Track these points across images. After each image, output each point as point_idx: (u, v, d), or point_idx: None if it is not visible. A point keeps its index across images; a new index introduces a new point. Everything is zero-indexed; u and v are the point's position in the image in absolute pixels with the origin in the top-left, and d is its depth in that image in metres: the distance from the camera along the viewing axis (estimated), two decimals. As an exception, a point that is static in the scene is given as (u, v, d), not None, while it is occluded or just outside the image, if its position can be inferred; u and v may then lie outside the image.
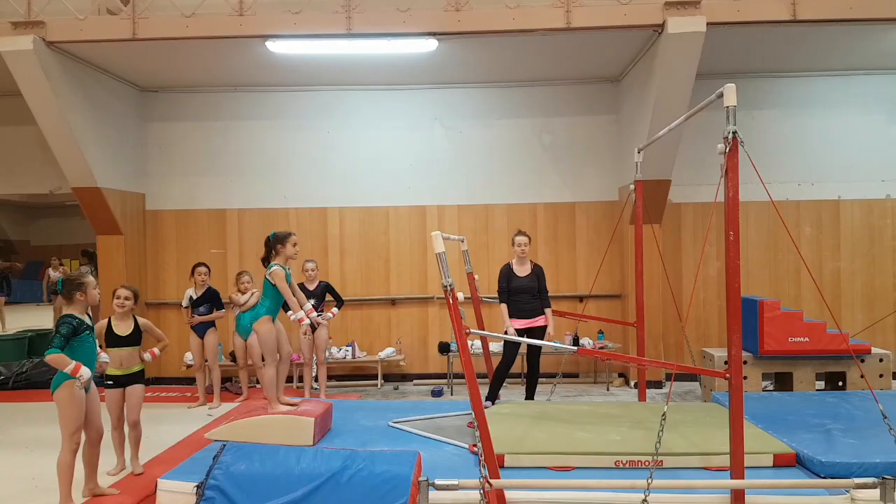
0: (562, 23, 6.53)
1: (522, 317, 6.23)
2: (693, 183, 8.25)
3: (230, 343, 8.42)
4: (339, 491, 3.80)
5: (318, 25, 6.77)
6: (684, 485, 4.07)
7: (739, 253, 3.92)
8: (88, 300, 4.52)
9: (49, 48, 6.88)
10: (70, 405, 4.36)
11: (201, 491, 3.87)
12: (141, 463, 5.15)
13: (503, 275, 6.32)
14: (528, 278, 6.24)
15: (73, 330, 4.35)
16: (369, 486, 3.80)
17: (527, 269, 6.30)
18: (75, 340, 4.39)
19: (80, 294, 4.48)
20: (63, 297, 4.61)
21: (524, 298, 6.24)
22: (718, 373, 4.36)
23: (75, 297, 4.48)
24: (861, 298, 8.50)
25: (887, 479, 3.63)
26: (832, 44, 7.39)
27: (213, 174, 8.86)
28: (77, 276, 4.63)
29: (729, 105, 3.89)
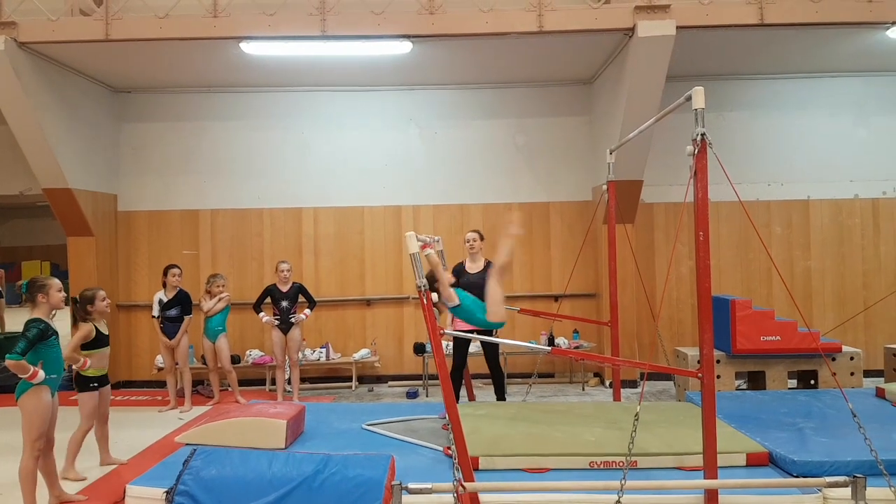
0: (534, 26, 6.57)
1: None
2: (665, 183, 8.33)
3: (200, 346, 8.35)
4: (312, 496, 3.76)
5: (292, 27, 6.74)
6: (658, 485, 4.09)
7: (709, 253, 3.96)
8: (51, 303, 4.45)
9: (21, 49, 6.78)
10: (35, 412, 4.30)
11: (171, 496, 3.80)
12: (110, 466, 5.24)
13: (454, 271, 6.22)
14: (479, 275, 6.09)
15: (40, 334, 4.29)
16: (342, 490, 3.76)
17: (479, 266, 6.20)
18: (42, 345, 4.33)
19: (42, 296, 4.42)
20: (27, 300, 4.55)
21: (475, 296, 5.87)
22: (691, 372, 4.40)
23: (37, 300, 4.42)
24: (831, 297, 8.65)
25: (858, 477, 3.67)
26: (800, 46, 7.52)
27: (186, 175, 8.77)
28: (40, 279, 4.58)
29: (697, 108, 3.92)
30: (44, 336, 4.31)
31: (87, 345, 5.08)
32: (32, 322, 4.35)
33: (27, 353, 4.23)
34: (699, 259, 3.95)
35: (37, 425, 4.30)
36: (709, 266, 3.94)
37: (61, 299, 4.50)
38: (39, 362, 4.32)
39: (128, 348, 8.58)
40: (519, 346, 6.80)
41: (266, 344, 8.37)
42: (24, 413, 4.31)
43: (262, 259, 8.69)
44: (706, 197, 3.92)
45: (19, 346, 4.20)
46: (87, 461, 5.22)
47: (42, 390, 4.32)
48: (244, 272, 8.61)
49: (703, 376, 3.95)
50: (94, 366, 5.08)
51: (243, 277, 8.53)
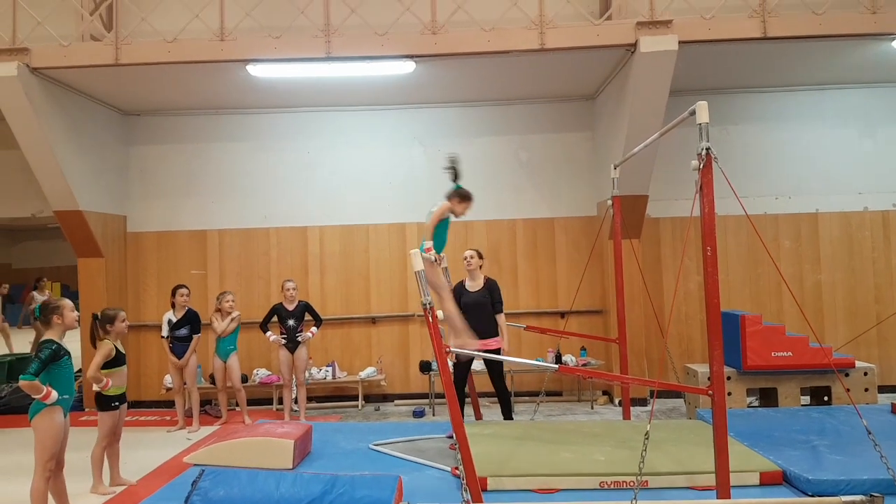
0: (536, 44, 6.60)
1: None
2: (670, 197, 8.31)
3: (209, 365, 8.36)
4: (319, 517, 3.74)
5: (297, 49, 6.81)
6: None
7: (717, 268, 3.93)
8: (66, 323, 4.50)
9: (33, 74, 6.89)
10: (47, 433, 4.36)
11: (178, 519, 3.79)
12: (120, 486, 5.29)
13: (455, 290, 6.10)
14: (479, 293, 6.06)
15: (53, 354, 4.34)
16: (349, 511, 3.74)
17: (478, 284, 6.13)
18: (55, 366, 4.37)
19: (57, 317, 4.48)
20: (41, 322, 4.60)
21: (474, 315, 5.84)
22: (701, 390, 4.33)
23: (52, 321, 4.48)
24: (843, 311, 8.55)
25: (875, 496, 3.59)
26: (804, 59, 7.50)
27: (194, 195, 8.83)
28: (53, 300, 4.62)
29: (701, 122, 3.92)
30: (56, 357, 4.36)
31: (107, 364, 5.12)
32: (45, 343, 4.40)
33: (40, 373, 4.28)
34: (707, 274, 3.93)
35: (49, 446, 4.34)
36: (717, 281, 3.92)
37: (75, 319, 4.55)
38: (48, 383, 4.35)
39: (136, 368, 8.59)
40: (526, 364, 6.77)
41: (273, 363, 8.37)
42: (37, 434, 4.36)
43: (269, 278, 8.71)
44: (713, 212, 3.90)
45: (32, 367, 4.26)
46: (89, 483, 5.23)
47: (55, 411, 4.37)
48: (251, 291, 8.63)
49: (714, 394, 3.90)
50: (115, 384, 5.14)
51: (250, 296, 8.55)
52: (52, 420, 4.35)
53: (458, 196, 5.19)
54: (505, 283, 8.58)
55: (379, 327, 8.74)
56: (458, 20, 6.72)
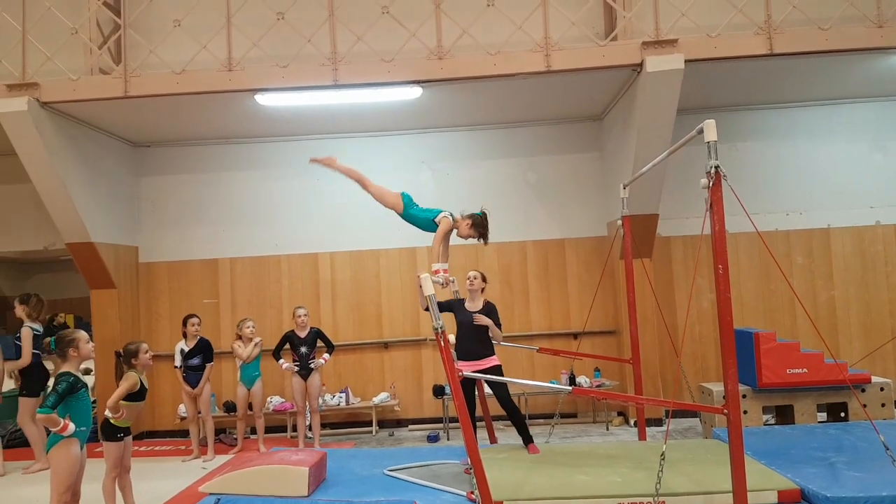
0: (542, 66, 6.64)
1: (468, 358, 5.78)
2: (681, 216, 8.29)
3: (223, 394, 8.36)
4: (334, 545, 3.71)
5: (305, 78, 6.87)
6: (686, 526, 3.98)
7: (730, 286, 3.91)
8: (82, 355, 4.52)
9: (43, 108, 6.97)
10: (64, 465, 4.36)
11: (193, 550, 3.77)
12: None
13: (453, 303, 6.07)
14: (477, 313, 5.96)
15: (70, 387, 4.36)
16: (364, 538, 3.72)
17: (478, 306, 6.03)
18: (72, 398, 4.39)
19: (73, 350, 4.50)
20: (57, 355, 4.62)
21: (470, 335, 5.86)
22: (716, 409, 4.30)
23: (69, 354, 4.51)
24: (858, 327, 8.46)
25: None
26: (812, 74, 7.50)
27: (204, 225, 8.90)
28: (68, 333, 4.64)
29: (710, 140, 3.93)
30: (73, 389, 4.37)
31: (130, 396, 5.10)
32: (62, 376, 4.41)
33: (57, 406, 4.30)
34: (720, 292, 3.91)
35: (64, 478, 4.34)
36: (730, 299, 3.90)
37: (91, 350, 4.56)
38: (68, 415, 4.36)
39: (150, 398, 8.52)
40: (540, 386, 6.73)
41: (286, 390, 8.35)
42: (53, 466, 4.38)
43: (281, 306, 8.73)
44: (723, 230, 3.90)
45: (49, 400, 4.28)
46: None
47: (72, 443, 4.37)
48: (263, 319, 8.63)
49: (730, 413, 3.87)
50: (127, 418, 5.09)
51: (262, 324, 8.54)
52: (69, 452, 4.35)
53: (470, 219, 5.17)
54: (517, 305, 8.60)
55: (391, 352, 8.72)
56: (464, 44, 6.78)
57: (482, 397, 6.45)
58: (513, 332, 8.15)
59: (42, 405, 4.27)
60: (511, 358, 7.88)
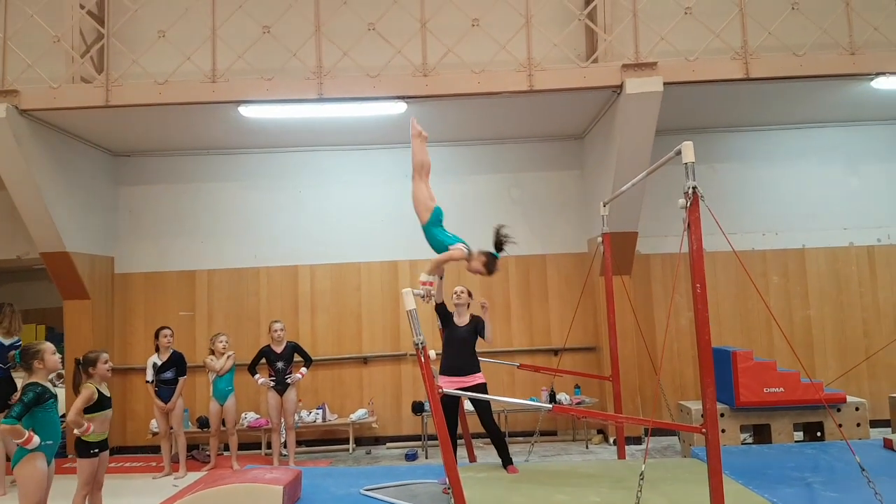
0: (525, 86, 6.72)
1: (453, 374, 5.71)
2: (660, 234, 8.38)
3: (196, 409, 8.22)
4: (309, 565, 3.65)
5: (290, 91, 6.87)
6: (664, 546, 3.97)
7: (707, 305, 3.94)
8: (47, 367, 4.42)
9: (22, 116, 6.89)
10: (30, 480, 4.23)
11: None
12: None
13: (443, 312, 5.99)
14: (465, 328, 5.95)
15: (36, 398, 4.25)
16: (340, 558, 3.66)
17: (465, 320, 6.00)
18: (39, 409, 4.28)
19: (38, 362, 4.40)
20: (23, 368, 4.50)
21: (458, 350, 5.79)
22: (695, 428, 4.30)
23: (34, 366, 4.40)
24: (833, 346, 8.58)
25: (869, 533, 3.58)
26: (787, 98, 7.68)
27: (183, 236, 8.80)
28: (33, 345, 4.54)
29: (687, 162, 3.97)
30: (40, 400, 4.27)
31: (90, 408, 4.98)
32: (29, 385, 4.31)
33: (23, 416, 4.18)
34: (697, 311, 3.93)
35: (32, 494, 4.22)
36: (707, 318, 3.92)
37: (57, 361, 4.45)
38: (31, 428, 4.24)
39: (122, 413, 8.42)
40: (520, 403, 6.71)
41: (261, 406, 8.24)
42: (19, 482, 4.25)
43: (259, 319, 8.63)
44: (701, 249, 3.93)
45: (15, 410, 4.17)
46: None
47: (37, 458, 4.25)
48: (241, 332, 8.53)
49: (708, 432, 3.88)
50: (96, 430, 4.96)
51: (240, 338, 8.43)
52: (35, 467, 4.23)
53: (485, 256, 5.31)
54: (498, 321, 8.58)
55: (371, 367, 8.66)
56: (449, 63, 6.84)
57: (462, 415, 6.41)
58: (494, 347, 8.12)
59: (7, 416, 4.17)
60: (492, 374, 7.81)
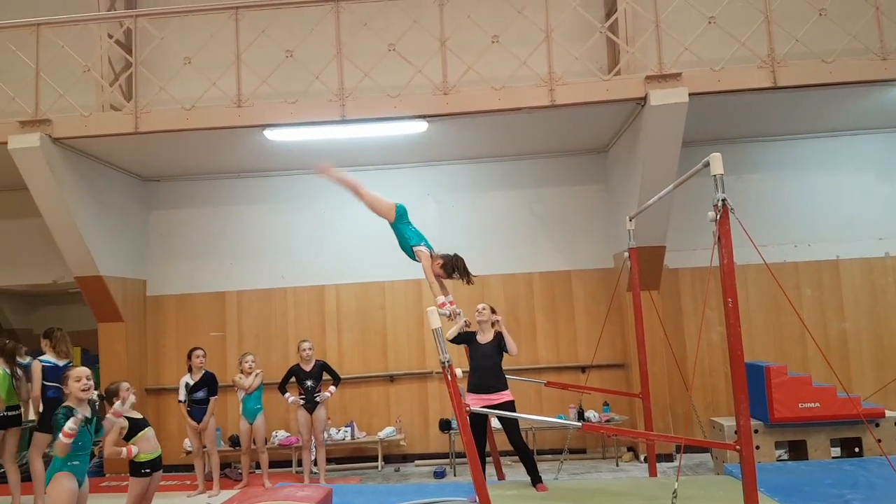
0: (546, 101, 6.69)
1: (480, 392, 5.79)
2: (688, 248, 8.24)
3: (228, 428, 8.29)
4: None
5: (313, 113, 6.96)
6: (699, 566, 3.88)
7: (739, 320, 3.87)
8: (71, 392, 4.49)
9: (55, 144, 7.09)
10: (59, 499, 4.34)
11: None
12: None
13: (465, 336, 6.02)
14: (489, 345, 5.96)
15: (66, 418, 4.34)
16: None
17: (488, 338, 6.02)
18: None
19: (66, 387, 4.50)
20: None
21: (484, 369, 5.87)
22: (729, 445, 4.22)
23: (63, 392, 4.51)
24: (870, 359, 8.33)
25: (911, 552, 3.46)
26: (817, 106, 7.52)
27: (212, 258, 8.94)
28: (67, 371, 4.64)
29: (716, 174, 3.93)
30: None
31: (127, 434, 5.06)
32: (59, 411, 4.42)
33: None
34: (730, 326, 3.87)
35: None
36: (740, 333, 3.86)
37: (78, 388, 4.48)
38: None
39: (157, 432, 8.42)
40: (548, 421, 6.64)
41: (292, 424, 8.28)
42: (50, 500, 4.39)
43: (287, 338, 8.70)
44: (732, 262, 3.87)
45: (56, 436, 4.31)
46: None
47: (64, 477, 4.36)
48: (270, 352, 8.60)
49: (742, 449, 3.80)
50: (144, 450, 5.03)
51: (269, 357, 8.50)
52: (62, 486, 4.34)
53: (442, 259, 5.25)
54: (524, 338, 8.52)
55: (397, 385, 8.66)
56: (469, 80, 6.86)
57: (489, 433, 6.36)
58: (520, 364, 8.08)
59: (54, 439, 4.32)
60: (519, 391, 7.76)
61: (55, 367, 6.69)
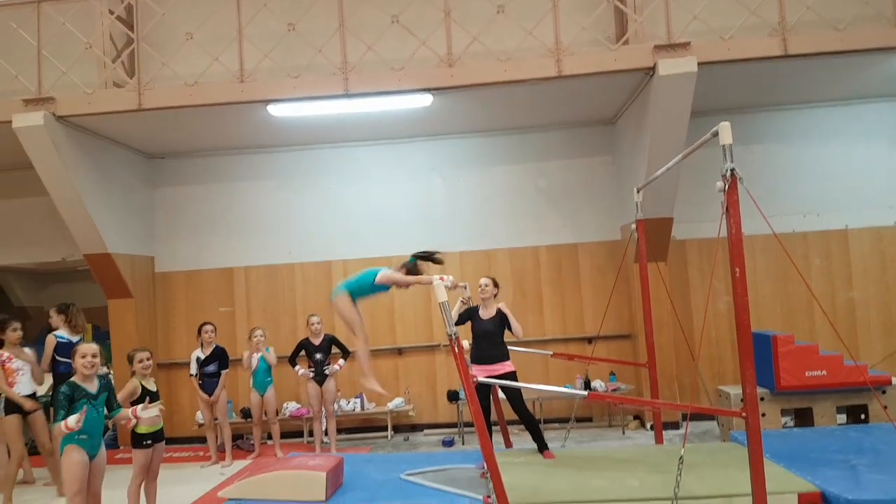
0: (553, 71, 6.63)
1: (482, 363, 5.94)
2: (696, 219, 8.22)
3: (239, 401, 8.40)
4: (352, 551, 3.72)
5: (316, 88, 6.92)
6: (706, 530, 3.95)
7: (747, 289, 3.88)
8: (78, 369, 4.55)
9: (59, 122, 7.08)
10: (70, 470, 4.47)
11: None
12: None
13: (467, 314, 6.12)
14: (491, 321, 6.03)
15: (67, 398, 4.45)
16: (382, 544, 3.72)
17: (491, 313, 6.07)
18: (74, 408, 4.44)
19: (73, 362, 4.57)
20: None
21: (484, 344, 5.99)
22: (734, 412, 4.26)
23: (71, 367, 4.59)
24: (878, 328, 8.36)
25: (917, 515, 3.51)
26: (827, 75, 7.43)
27: (219, 234, 8.97)
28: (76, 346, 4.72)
29: (725, 143, 3.90)
30: (71, 399, 4.45)
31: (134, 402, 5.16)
32: (61, 387, 4.52)
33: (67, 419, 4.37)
34: (737, 296, 3.87)
35: (70, 482, 4.45)
36: (747, 303, 3.86)
37: (81, 365, 4.56)
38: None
39: (168, 405, 8.51)
40: (554, 391, 6.70)
41: (302, 396, 8.39)
42: (63, 471, 4.52)
43: (296, 313, 8.77)
44: (740, 233, 3.86)
45: (58, 415, 4.40)
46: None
47: (73, 450, 4.47)
48: (278, 327, 8.68)
49: (748, 416, 3.83)
50: (145, 423, 5.14)
51: (278, 332, 8.59)
52: (71, 459, 4.46)
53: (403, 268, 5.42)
54: (530, 311, 8.57)
55: (405, 358, 8.74)
56: (474, 51, 6.80)
57: (497, 402, 6.44)
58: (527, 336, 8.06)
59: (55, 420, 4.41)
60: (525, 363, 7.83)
61: (69, 342, 6.77)
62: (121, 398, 5.12)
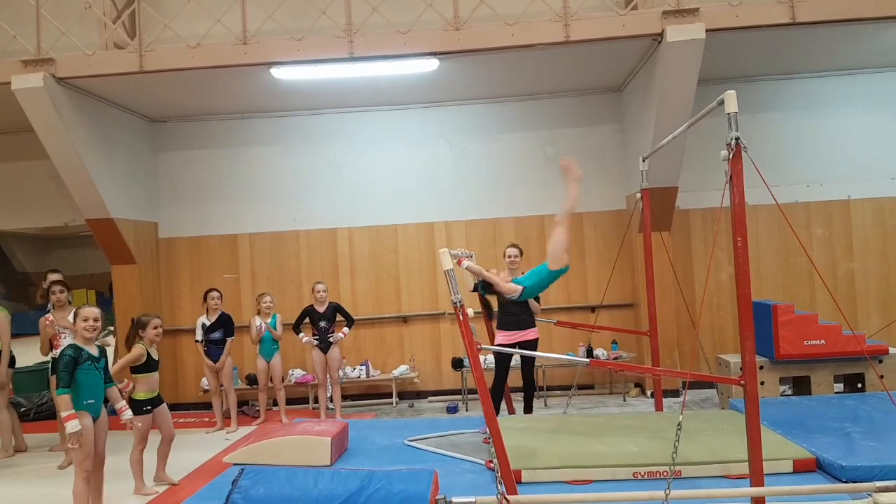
0: (561, 36, 6.56)
1: (510, 328, 6.19)
2: (700, 189, 8.21)
3: (244, 367, 8.49)
4: (358, 512, 3.80)
5: (320, 51, 6.85)
6: (703, 494, 4.02)
7: (748, 259, 3.90)
8: (79, 332, 4.59)
9: (59, 84, 7.00)
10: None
11: (221, 516, 3.88)
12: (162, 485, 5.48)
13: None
14: None
15: (71, 361, 4.46)
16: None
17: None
18: (78, 371, 4.48)
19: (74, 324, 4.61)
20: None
21: (512, 310, 6.18)
22: (733, 380, 4.31)
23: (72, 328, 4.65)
24: (876, 298, 8.41)
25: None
26: (834, 44, 7.36)
27: (223, 200, 8.96)
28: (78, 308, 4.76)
29: (730, 112, 3.88)
30: (76, 362, 4.48)
31: (137, 368, 5.23)
32: (64, 350, 4.55)
33: (70, 383, 4.43)
34: (738, 265, 3.90)
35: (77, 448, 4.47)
36: (748, 272, 3.88)
37: (83, 328, 4.60)
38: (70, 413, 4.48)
39: (173, 372, 8.75)
40: (558, 358, 6.77)
41: (307, 363, 8.48)
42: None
43: (301, 280, 8.81)
44: (743, 202, 3.87)
45: (62, 380, 4.41)
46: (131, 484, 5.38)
47: (81, 416, 4.50)
48: (283, 294, 8.71)
49: (746, 383, 3.88)
50: (143, 389, 5.24)
51: (283, 299, 8.61)
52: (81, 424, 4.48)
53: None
54: (533, 279, 8.59)
55: (410, 326, 8.80)
56: (481, 15, 6.72)
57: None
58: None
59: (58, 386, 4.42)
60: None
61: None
62: (124, 362, 5.19)
